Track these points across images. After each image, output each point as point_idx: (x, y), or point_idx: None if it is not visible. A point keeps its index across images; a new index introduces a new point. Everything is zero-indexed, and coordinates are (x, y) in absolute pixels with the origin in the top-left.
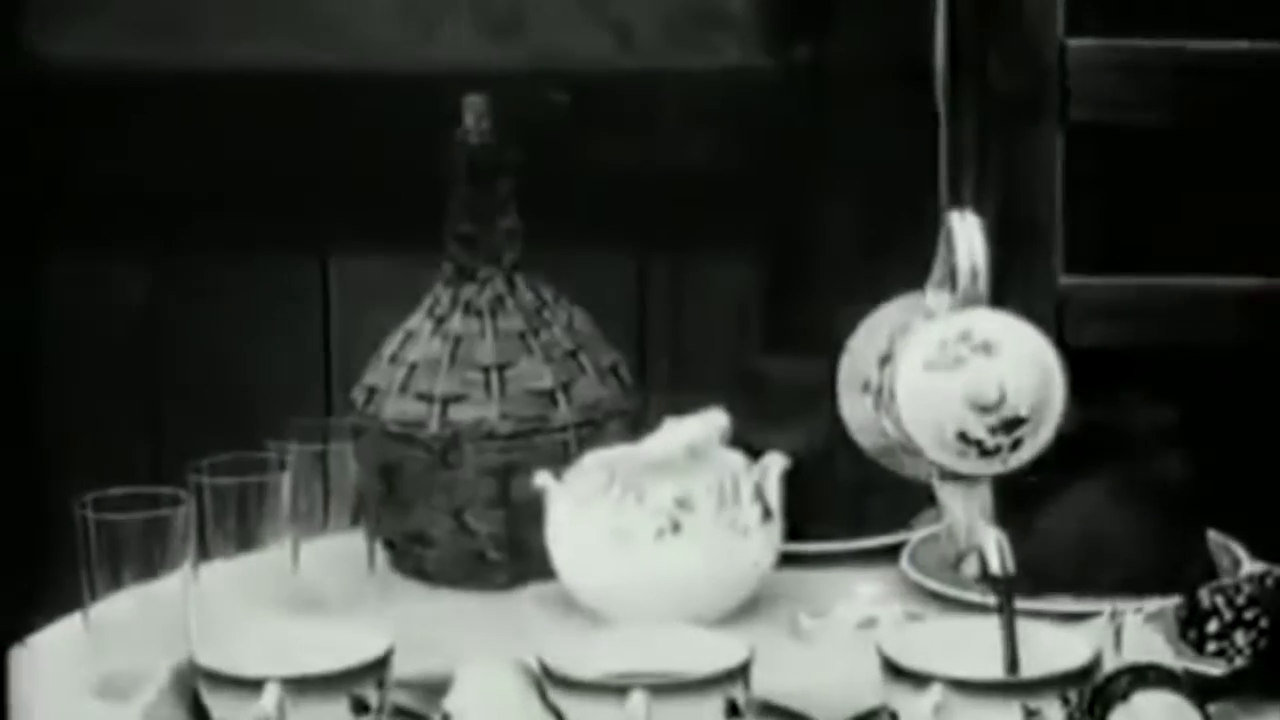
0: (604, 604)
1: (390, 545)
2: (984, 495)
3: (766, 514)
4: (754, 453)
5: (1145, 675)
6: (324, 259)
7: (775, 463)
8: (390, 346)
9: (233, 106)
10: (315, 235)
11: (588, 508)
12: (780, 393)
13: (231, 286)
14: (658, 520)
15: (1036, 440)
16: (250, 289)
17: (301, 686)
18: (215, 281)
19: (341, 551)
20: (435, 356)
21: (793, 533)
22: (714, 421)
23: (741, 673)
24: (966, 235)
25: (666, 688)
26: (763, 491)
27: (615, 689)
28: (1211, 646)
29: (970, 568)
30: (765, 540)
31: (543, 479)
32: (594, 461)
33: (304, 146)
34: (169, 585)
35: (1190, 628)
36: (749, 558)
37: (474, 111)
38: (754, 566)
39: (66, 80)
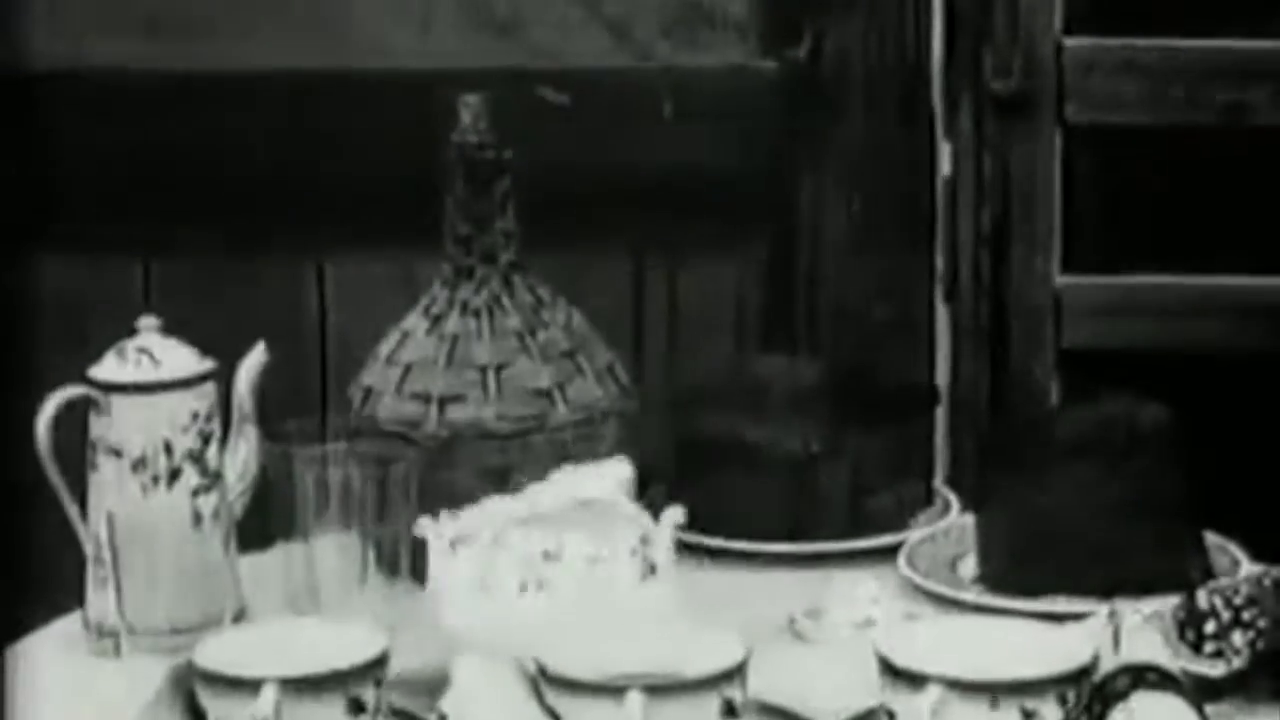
0: (470, 648)
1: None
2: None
3: (651, 570)
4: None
5: (1143, 676)
6: (320, 259)
7: (670, 517)
8: (387, 347)
9: (229, 107)
10: (312, 235)
11: (458, 554)
12: (777, 393)
13: (228, 286)
14: (522, 573)
15: None
16: (247, 289)
17: (298, 687)
18: (211, 282)
19: (338, 552)
20: (432, 356)
21: (790, 533)
22: (614, 474)
23: (738, 673)
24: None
25: (663, 688)
26: (649, 547)
27: (612, 689)
28: (1209, 647)
29: (967, 568)
30: (646, 597)
31: (424, 524)
32: (484, 507)
33: (300, 146)
34: None
35: (1188, 628)
36: (620, 615)
37: (471, 111)
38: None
39: (65, 80)
